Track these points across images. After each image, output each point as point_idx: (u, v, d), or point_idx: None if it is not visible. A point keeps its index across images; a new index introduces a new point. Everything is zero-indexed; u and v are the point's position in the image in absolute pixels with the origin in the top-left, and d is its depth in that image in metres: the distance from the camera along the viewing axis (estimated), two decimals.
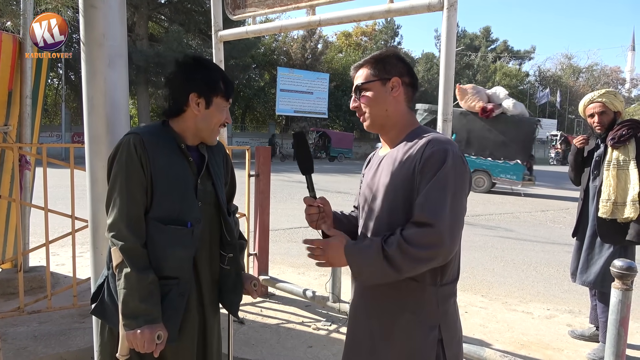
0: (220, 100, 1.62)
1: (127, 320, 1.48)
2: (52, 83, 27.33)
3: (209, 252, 1.69)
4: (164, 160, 1.55)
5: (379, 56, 1.48)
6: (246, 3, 3.50)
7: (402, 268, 1.26)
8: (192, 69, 1.61)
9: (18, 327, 3.26)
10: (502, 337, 3.51)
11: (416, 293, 1.36)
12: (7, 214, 3.97)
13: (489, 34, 46.26)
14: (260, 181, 4.09)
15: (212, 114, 1.61)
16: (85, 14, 1.91)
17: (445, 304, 1.39)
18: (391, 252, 1.25)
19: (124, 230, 1.49)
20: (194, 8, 24.64)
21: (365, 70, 1.48)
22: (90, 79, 1.95)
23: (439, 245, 1.23)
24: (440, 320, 1.38)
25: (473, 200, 11.45)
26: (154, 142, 1.54)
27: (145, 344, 1.46)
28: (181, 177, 1.58)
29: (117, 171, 1.53)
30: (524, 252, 6.53)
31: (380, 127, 1.48)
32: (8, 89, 3.68)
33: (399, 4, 2.80)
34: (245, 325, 3.51)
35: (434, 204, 1.25)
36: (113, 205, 1.52)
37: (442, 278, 1.37)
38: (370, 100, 1.45)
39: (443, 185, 1.26)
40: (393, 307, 1.39)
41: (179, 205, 1.56)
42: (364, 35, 42.62)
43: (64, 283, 4.12)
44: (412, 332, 1.37)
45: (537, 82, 47.72)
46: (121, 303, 1.49)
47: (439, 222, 1.23)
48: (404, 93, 1.47)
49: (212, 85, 1.60)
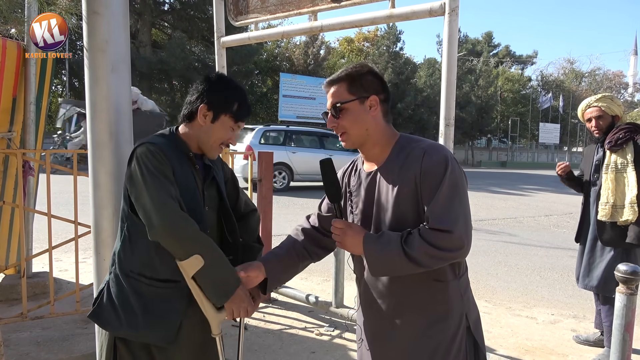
0: (228, 119, 1.64)
1: (226, 292, 1.51)
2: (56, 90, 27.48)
3: None
4: (177, 168, 1.58)
5: (355, 73, 1.45)
6: (248, 9, 3.52)
7: (423, 264, 1.31)
8: (214, 83, 1.65)
9: (21, 332, 3.26)
10: (506, 342, 3.49)
11: (443, 292, 1.42)
12: (11, 219, 3.98)
13: (491, 39, 46.32)
14: (262, 186, 4.10)
15: (215, 130, 1.63)
16: (89, 21, 1.92)
17: (466, 292, 1.48)
18: (413, 252, 1.29)
19: (181, 220, 1.47)
20: (197, 15, 24.77)
21: (341, 88, 1.45)
22: (93, 85, 1.96)
23: (459, 247, 1.30)
24: (465, 309, 1.45)
25: (477, 205, 11.42)
26: (168, 151, 1.57)
27: (249, 307, 1.55)
28: (190, 185, 1.61)
29: (153, 176, 1.48)
30: (528, 257, 6.50)
31: (360, 145, 1.48)
32: (12, 95, 3.70)
33: (400, 9, 2.81)
34: (248, 330, 3.49)
35: (449, 211, 1.30)
36: (163, 207, 1.46)
37: (460, 270, 1.46)
38: (349, 120, 1.44)
39: (452, 191, 1.32)
40: (419, 306, 1.43)
41: (189, 211, 1.57)
42: (366, 40, 42.74)
43: (67, 289, 4.11)
44: (440, 326, 1.42)
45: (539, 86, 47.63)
46: (214, 283, 1.51)
47: (457, 228, 1.29)
48: (381, 110, 1.46)
49: (224, 104, 1.63)
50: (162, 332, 1.54)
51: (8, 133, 3.68)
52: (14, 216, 3.95)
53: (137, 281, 1.55)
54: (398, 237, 1.32)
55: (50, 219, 3.28)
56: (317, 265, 5.54)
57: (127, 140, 2.05)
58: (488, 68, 39.73)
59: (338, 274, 3.65)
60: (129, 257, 1.56)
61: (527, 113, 42.18)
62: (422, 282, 1.40)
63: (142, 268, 1.55)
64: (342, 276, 3.66)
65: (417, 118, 31.83)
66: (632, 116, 39.70)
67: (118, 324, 1.53)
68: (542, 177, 23.44)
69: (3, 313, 3.41)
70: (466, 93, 35.41)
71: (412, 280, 1.40)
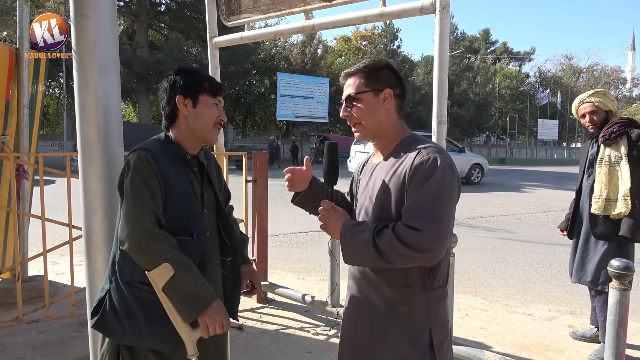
0: (206, 97, 1.67)
1: (197, 306, 1.50)
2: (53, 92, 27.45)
3: (213, 259, 1.72)
4: (172, 173, 1.59)
5: (372, 66, 1.48)
6: (240, 9, 3.52)
7: (390, 260, 1.29)
8: (177, 75, 1.68)
9: (17, 336, 3.25)
10: (503, 339, 3.49)
11: (407, 298, 1.39)
12: (6, 223, 3.97)
13: (489, 36, 46.28)
14: (257, 187, 4.09)
15: (201, 112, 1.65)
16: (77, 23, 1.92)
17: (435, 308, 1.41)
18: (382, 244, 1.28)
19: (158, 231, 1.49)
20: (194, 15, 24.77)
21: (358, 80, 1.48)
22: (82, 87, 1.95)
23: (427, 249, 1.26)
24: (430, 324, 1.40)
25: (475, 202, 11.43)
26: (162, 157, 1.58)
27: (224, 321, 1.52)
28: (188, 189, 1.62)
29: (134, 187, 1.51)
30: (525, 253, 6.50)
31: (373, 136, 1.50)
32: (5, 99, 3.69)
33: (391, 7, 2.81)
34: (244, 331, 3.49)
35: (423, 211, 1.28)
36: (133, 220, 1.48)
37: (433, 283, 1.39)
38: (363, 110, 1.46)
39: (432, 193, 1.29)
40: (385, 309, 1.42)
41: (186, 216, 1.61)
42: (363, 39, 42.72)
43: (64, 292, 4.11)
44: (403, 335, 1.39)
45: (537, 83, 47.65)
46: (185, 297, 1.50)
47: (429, 229, 1.26)
48: (394, 104, 1.48)
49: (195, 85, 1.66)
50: (165, 338, 1.55)
51: (2, 137, 3.67)
52: (9, 220, 3.95)
53: (139, 289, 1.55)
54: (372, 228, 1.33)
55: (44, 222, 3.28)
56: (314, 264, 5.58)
57: (116, 143, 2.04)
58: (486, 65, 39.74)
59: (333, 273, 3.64)
60: (129, 266, 1.56)
61: (525, 110, 42.18)
62: (391, 283, 1.40)
63: (142, 276, 1.54)
64: (337, 275, 3.66)
65: (415, 116, 31.83)
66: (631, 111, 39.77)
67: (122, 332, 1.54)
68: (541, 174, 23.45)
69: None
70: (464, 90, 35.41)
71: (383, 280, 1.41)
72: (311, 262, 5.76)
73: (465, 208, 10.39)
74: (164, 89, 1.68)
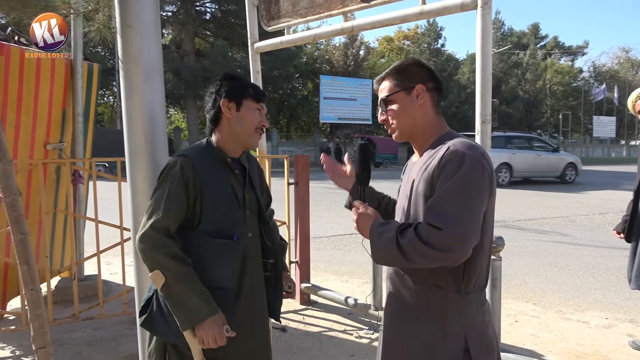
0: (250, 102, 1.72)
1: (186, 318, 1.53)
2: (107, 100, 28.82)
3: (254, 260, 1.75)
4: (212, 177, 1.64)
5: (399, 66, 1.49)
6: (280, 14, 3.56)
7: (412, 259, 1.26)
8: (223, 80, 1.74)
9: (74, 333, 3.43)
10: (555, 347, 3.33)
11: (439, 299, 1.35)
12: (64, 226, 4.20)
13: (538, 31, 44.48)
14: (299, 189, 4.12)
15: (244, 115, 1.70)
16: (123, 33, 2.00)
17: (472, 314, 1.36)
18: (404, 244, 1.25)
19: (162, 237, 1.55)
20: (237, 22, 25.31)
21: (388, 83, 1.48)
22: (129, 94, 2.04)
23: (448, 249, 1.22)
24: (466, 331, 1.35)
25: (526, 205, 11.02)
26: (201, 162, 1.64)
27: (217, 337, 1.52)
28: (229, 192, 1.67)
29: (157, 193, 1.61)
30: (580, 257, 6.19)
31: (409, 136, 1.49)
32: (62, 108, 3.91)
33: (431, 5, 2.75)
34: (288, 332, 3.52)
35: (445, 208, 1.24)
36: (144, 223, 1.57)
37: (467, 285, 1.34)
38: (397, 111, 1.46)
39: (456, 190, 1.25)
40: (419, 311, 1.39)
41: (227, 219, 1.65)
42: (406, 39, 42.21)
43: (117, 291, 4.29)
44: (436, 340, 1.35)
45: (592, 78, 45.39)
46: (178, 306, 1.53)
47: (449, 228, 1.21)
48: (429, 99, 1.46)
49: (239, 90, 1.72)
50: None
51: (59, 144, 3.89)
52: (67, 223, 4.17)
53: None
54: (397, 227, 1.31)
55: (98, 224, 3.44)
56: (358, 267, 5.55)
57: (162, 148, 2.11)
58: (535, 61, 38.30)
59: (376, 276, 3.60)
60: None
61: (579, 106, 40.24)
62: (422, 284, 1.37)
63: None
64: (380, 278, 3.61)
65: (461, 115, 31.09)
66: None
67: (168, 332, 1.58)
68: (597, 173, 22.26)
69: (58, 314, 3.60)
70: (513, 88, 34.26)
71: (414, 280, 1.38)
72: (355, 264, 5.73)
73: (516, 210, 10.04)
74: (210, 94, 1.74)
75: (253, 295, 1.72)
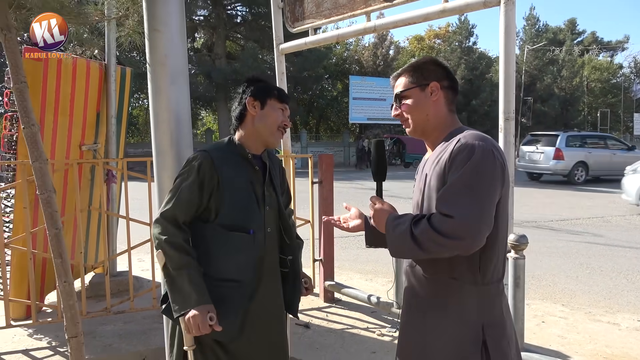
0: (274, 102, 1.81)
1: (177, 305, 1.61)
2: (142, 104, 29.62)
3: (272, 255, 1.80)
4: (231, 172, 1.71)
5: (416, 64, 1.53)
6: (304, 15, 3.61)
7: (427, 249, 1.29)
8: (249, 81, 1.86)
9: (106, 325, 3.58)
10: (583, 349, 3.26)
11: (456, 291, 1.37)
12: (98, 223, 4.39)
13: (575, 26, 43.02)
14: (323, 188, 4.17)
15: (267, 113, 1.79)
16: (150, 37, 2.10)
17: (489, 305, 1.38)
18: (417, 233, 1.29)
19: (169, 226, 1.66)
20: (268, 24, 25.57)
21: (404, 79, 1.52)
22: (155, 96, 2.13)
23: (459, 237, 1.25)
24: (484, 321, 1.36)
25: (558, 204, 10.72)
26: (220, 157, 1.72)
27: (200, 326, 1.57)
28: (247, 187, 1.73)
29: (175, 184, 1.73)
30: (614, 258, 5.99)
31: (422, 131, 1.52)
32: (96, 110, 4.09)
33: (453, 2, 2.74)
34: (311, 329, 3.57)
35: (455, 197, 1.27)
36: (160, 210, 1.71)
37: (484, 277, 1.36)
38: (411, 107, 1.50)
39: (466, 179, 1.28)
40: (435, 304, 1.41)
41: (243, 213, 1.71)
42: (437, 37, 41.67)
43: (147, 286, 4.44)
44: (454, 331, 1.37)
45: (633, 74, 43.58)
46: (170, 292, 1.64)
47: (460, 215, 1.24)
48: (443, 96, 1.49)
49: (265, 90, 1.81)
50: (226, 329, 1.63)
51: (93, 145, 4.07)
52: (101, 220, 4.36)
53: None
54: (411, 218, 1.34)
55: (129, 222, 3.58)
56: (382, 266, 5.56)
57: (187, 147, 2.20)
58: (572, 57, 37.05)
59: (399, 275, 3.61)
60: None
61: (618, 104, 38.71)
62: (438, 276, 1.39)
63: (206, 269, 1.66)
64: (402, 277, 3.62)
65: (493, 115, 30.39)
66: None
67: None
68: None
69: (91, 308, 3.76)
70: (548, 85, 33.29)
71: (430, 273, 1.41)
72: (379, 263, 5.73)
73: (548, 210, 9.79)
74: (237, 94, 1.86)
75: (270, 290, 1.76)
